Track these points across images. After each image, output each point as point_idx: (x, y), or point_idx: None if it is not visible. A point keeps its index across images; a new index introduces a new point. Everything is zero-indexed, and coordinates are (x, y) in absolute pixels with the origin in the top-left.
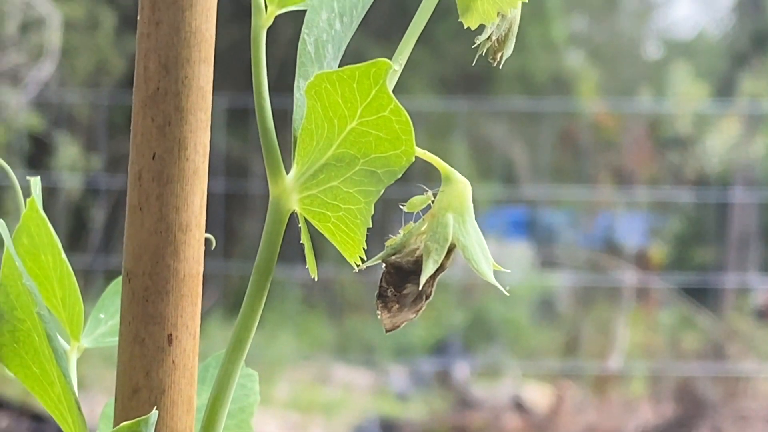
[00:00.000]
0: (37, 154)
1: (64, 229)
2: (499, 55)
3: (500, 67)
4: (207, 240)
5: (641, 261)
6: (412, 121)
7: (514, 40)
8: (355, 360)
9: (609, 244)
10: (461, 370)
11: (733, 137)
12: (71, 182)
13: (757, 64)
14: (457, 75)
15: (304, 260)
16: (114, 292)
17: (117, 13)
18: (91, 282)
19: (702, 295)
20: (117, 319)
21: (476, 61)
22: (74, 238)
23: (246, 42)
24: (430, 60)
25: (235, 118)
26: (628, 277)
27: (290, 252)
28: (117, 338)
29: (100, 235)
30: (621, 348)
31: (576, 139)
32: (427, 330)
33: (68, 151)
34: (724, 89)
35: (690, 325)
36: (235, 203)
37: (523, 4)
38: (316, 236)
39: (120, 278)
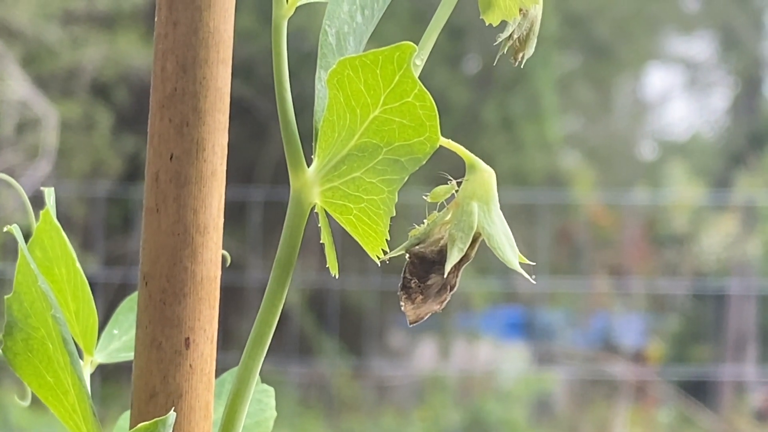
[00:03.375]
0: None
1: None
2: (521, 54)
3: (521, 67)
4: (222, 256)
5: (639, 359)
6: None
7: (536, 41)
8: None
9: (606, 343)
10: None
11: (729, 234)
12: None
13: (752, 163)
14: (450, 171)
15: (299, 359)
16: (128, 308)
17: (113, 114)
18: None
19: (701, 391)
20: (131, 334)
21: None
22: None
23: (249, 141)
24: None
25: (233, 211)
26: (626, 375)
27: (286, 350)
28: (131, 354)
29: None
30: None
31: (572, 237)
32: (424, 430)
33: None
34: (720, 186)
35: (689, 424)
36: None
37: (518, 105)
38: (305, 330)
39: (134, 294)
